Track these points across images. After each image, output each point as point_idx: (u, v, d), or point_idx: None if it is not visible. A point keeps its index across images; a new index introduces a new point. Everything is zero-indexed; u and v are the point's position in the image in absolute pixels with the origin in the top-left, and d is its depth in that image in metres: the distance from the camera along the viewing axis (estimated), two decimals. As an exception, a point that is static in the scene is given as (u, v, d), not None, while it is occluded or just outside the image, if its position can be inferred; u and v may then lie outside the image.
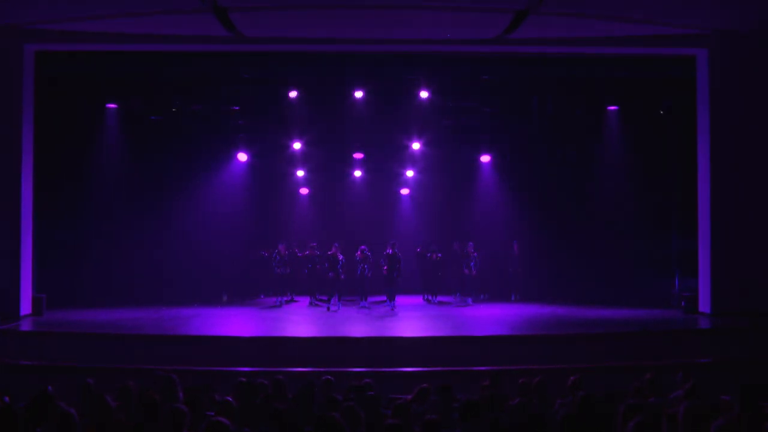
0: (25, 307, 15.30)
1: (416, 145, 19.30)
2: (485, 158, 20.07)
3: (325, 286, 17.52)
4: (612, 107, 18.86)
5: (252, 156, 19.64)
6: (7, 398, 7.03)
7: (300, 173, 20.04)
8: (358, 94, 18.00)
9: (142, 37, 15.14)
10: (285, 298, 18.07)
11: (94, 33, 14.99)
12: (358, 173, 20.26)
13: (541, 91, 18.61)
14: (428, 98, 18.02)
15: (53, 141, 16.84)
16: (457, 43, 15.62)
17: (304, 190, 20.44)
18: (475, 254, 18.33)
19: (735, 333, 13.67)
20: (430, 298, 18.53)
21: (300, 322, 15.86)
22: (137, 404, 7.21)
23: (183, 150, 19.10)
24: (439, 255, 18.56)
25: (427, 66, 17.08)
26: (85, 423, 6.15)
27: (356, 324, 15.28)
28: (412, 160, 19.78)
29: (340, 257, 17.48)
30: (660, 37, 15.25)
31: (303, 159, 19.69)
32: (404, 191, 20.60)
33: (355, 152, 19.76)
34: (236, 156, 19.57)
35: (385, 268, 17.49)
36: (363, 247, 17.79)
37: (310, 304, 17.94)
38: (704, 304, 15.66)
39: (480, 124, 19.23)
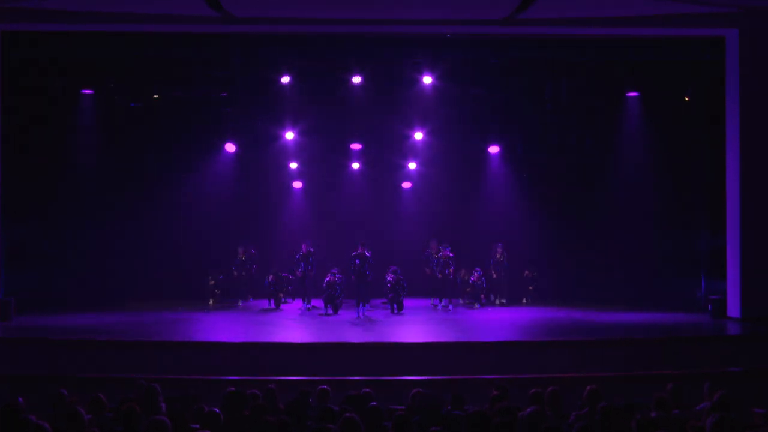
0: (-7, 311, 15.26)
1: (419, 135, 19.22)
2: (494, 149, 20.00)
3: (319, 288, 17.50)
4: (632, 93, 18.76)
5: (241, 146, 19.55)
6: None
7: (293, 165, 19.99)
8: (356, 80, 17.91)
9: (119, 16, 15.08)
10: (242, 301, 18.70)
11: (66, 12, 14.90)
12: (356, 165, 20.19)
13: (555, 76, 18.54)
14: (432, 84, 17.94)
15: (23, 130, 16.79)
16: (463, 24, 15.58)
17: (297, 184, 20.39)
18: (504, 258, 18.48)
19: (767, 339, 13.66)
20: (440, 303, 18.20)
21: (293, 327, 15.84)
22: (115, 416, 7.20)
23: (165, 140, 19.04)
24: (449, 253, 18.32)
25: (431, 49, 17.04)
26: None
27: (354, 329, 15.26)
28: (414, 151, 19.70)
29: (368, 254, 17.44)
30: (685, 16, 15.20)
31: (296, 150, 19.63)
32: (406, 184, 20.54)
33: (352, 143, 19.69)
34: (224, 146, 19.48)
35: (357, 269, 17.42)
36: (361, 244, 17.74)
37: (305, 309, 17.90)
38: (733, 308, 15.63)
39: (488, 113, 19.14)
